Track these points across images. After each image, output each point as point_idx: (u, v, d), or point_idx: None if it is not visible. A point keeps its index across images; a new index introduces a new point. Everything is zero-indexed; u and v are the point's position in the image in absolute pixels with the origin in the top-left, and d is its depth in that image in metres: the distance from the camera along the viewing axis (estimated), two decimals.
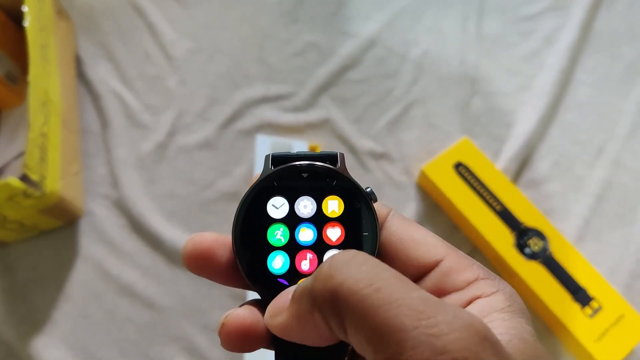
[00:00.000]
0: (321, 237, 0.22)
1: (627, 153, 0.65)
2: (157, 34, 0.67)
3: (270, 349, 0.22)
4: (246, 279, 0.22)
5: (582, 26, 0.71)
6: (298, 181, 0.23)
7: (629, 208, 0.63)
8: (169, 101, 0.64)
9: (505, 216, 0.57)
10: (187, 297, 0.56)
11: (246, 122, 0.64)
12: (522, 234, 0.56)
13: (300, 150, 0.61)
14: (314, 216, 0.22)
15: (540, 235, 0.57)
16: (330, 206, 0.23)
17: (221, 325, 0.21)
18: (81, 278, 0.56)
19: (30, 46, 0.51)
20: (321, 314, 0.18)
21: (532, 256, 0.56)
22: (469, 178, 0.59)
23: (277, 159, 0.23)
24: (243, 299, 0.55)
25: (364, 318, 0.16)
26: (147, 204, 0.59)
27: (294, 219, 0.22)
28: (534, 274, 0.55)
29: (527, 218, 0.57)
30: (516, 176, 0.63)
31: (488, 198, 0.58)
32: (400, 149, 0.64)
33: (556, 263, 0.55)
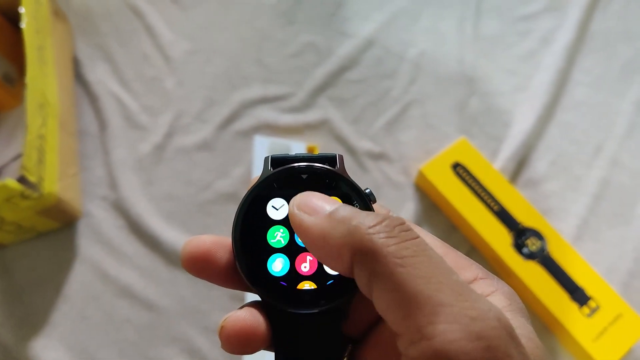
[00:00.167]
0: None
1: (625, 152, 0.66)
2: (155, 36, 0.67)
3: (270, 351, 0.22)
4: (246, 281, 0.22)
5: (579, 26, 0.71)
6: (297, 183, 0.23)
7: (627, 207, 0.63)
8: (167, 102, 0.64)
9: (503, 216, 0.57)
10: (187, 298, 0.56)
11: (244, 123, 0.64)
12: (520, 234, 0.57)
13: (298, 151, 0.61)
14: None
15: (538, 235, 0.57)
16: None
17: (221, 327, 0.21)
18: (80, 279, 0.56)
19: (27, 48, 0.51)
20: (351, 256, 0.18)
21: (530, 256, 0.56)
22: (467, 178, 0.59)
23: (277, 161, 0.23)
24: (243, 300, 0.55)
25: (400, 284, 0.16)
26: (146, 205, 0.59)
27: None
28: (532, 274, 0.55)
29: (525, 218, 0.57)
30: (514, 176, 0.64)
31: (486, 198, 0.58)
32: (398, 149, 0.64)
33: (554, 263, 0.56)
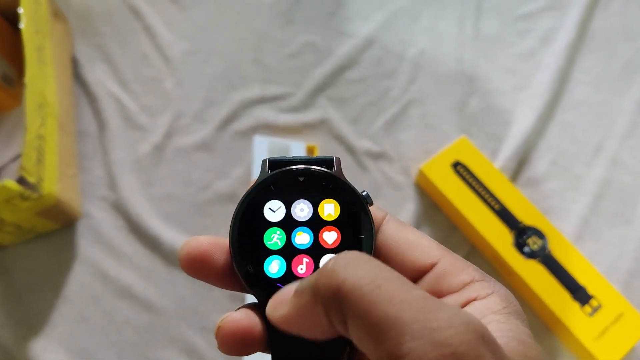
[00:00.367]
0: (317, 241, 0.22)
1: (625, 151, 0.65)
2: (154, 36, 0.67)
3: (267, 353, 0.22)
4: (243, 283, 0.22)
5: (579, 25, 0.71)
6: (294, 185, 0.23)
7: (628, 206, 0.63)
8: (166, 103, 0.64)
9: (503, 215, 0.57)
10: (186, 299, 0.56)
11: (243, 123, 0.64)
12: (521, 233, 0.56)
13: (297, 151, 0.61)
14: (310, 220, 0.23)
15: (539, 234, 0.57)
16: (326, 210, 0.23)
17: (217, 328, 0.21)
18: (79, 280, 0.56)
19: (26, 48, 0.51)
20: (323, 308, 0.18)
21: (531, 255, 0.56)
22: (467, 177, 0.59)
23: (274, 163, 0.23)
24: (242, 300, 0.55)
25: (365, 313, 0.16)
26: (145, 206, 0.59)
27: (291, 223, 0.23)
28: (533, 273, 0.55)
29: (526, 217, 0.57)
30: (514, 175, 0.63)
31: (486, 197, 0.58)
32: (398, 149, 0.64)
33: (555, 262, 0.55)
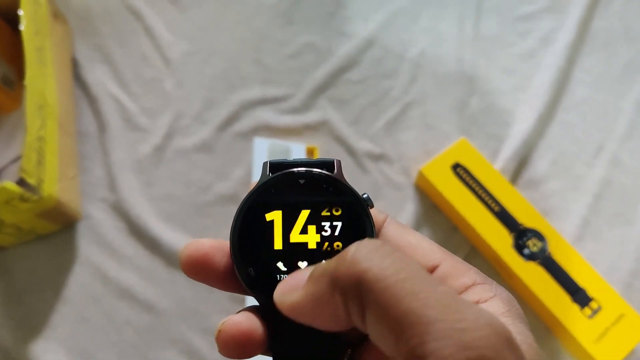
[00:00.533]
0: (318, 244, 0.22)
1: (626, 152, 0.65)
2: (154, 37, 0.67)
3: (268, 355, 0.22)
4: (244, 285, 0.22)
5: (579, 26, 0.71)
6: (295, 188, 0.23)
7: (628, 207, 0.63)
8: (166, 104, 0.64)
9: (503, 217, 0.57)
10: (186, 300, 0.56)
11: (243, 125, 0.64)
12: (521, 235, 0.56)
13: (297, 152, 0.61)
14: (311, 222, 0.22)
15: (539, 235, 0.57)
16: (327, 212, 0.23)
17: (218, 331, 0.21)
18: (79, 281, 0.56)
19: (26, 50, 0.51)
20: (342, 297, 0.17)
21: (531, 257, 0.55)
22: (467, 179, 0.59)
23: (275, 166, 0.23)
24: (242, 302, 0.55)
25: (388, 307, 0.16)
26: (145, 207, 0.59)
27: (291, 225, 0.22)
28: (533, 275, 0.55)
29: (526, 219, 0.57)
30: (514, 176, 0.63)
31: (486, 199, 0.58)
32: (398, 150, 0.64)
33: (555, 264, 0.55)
